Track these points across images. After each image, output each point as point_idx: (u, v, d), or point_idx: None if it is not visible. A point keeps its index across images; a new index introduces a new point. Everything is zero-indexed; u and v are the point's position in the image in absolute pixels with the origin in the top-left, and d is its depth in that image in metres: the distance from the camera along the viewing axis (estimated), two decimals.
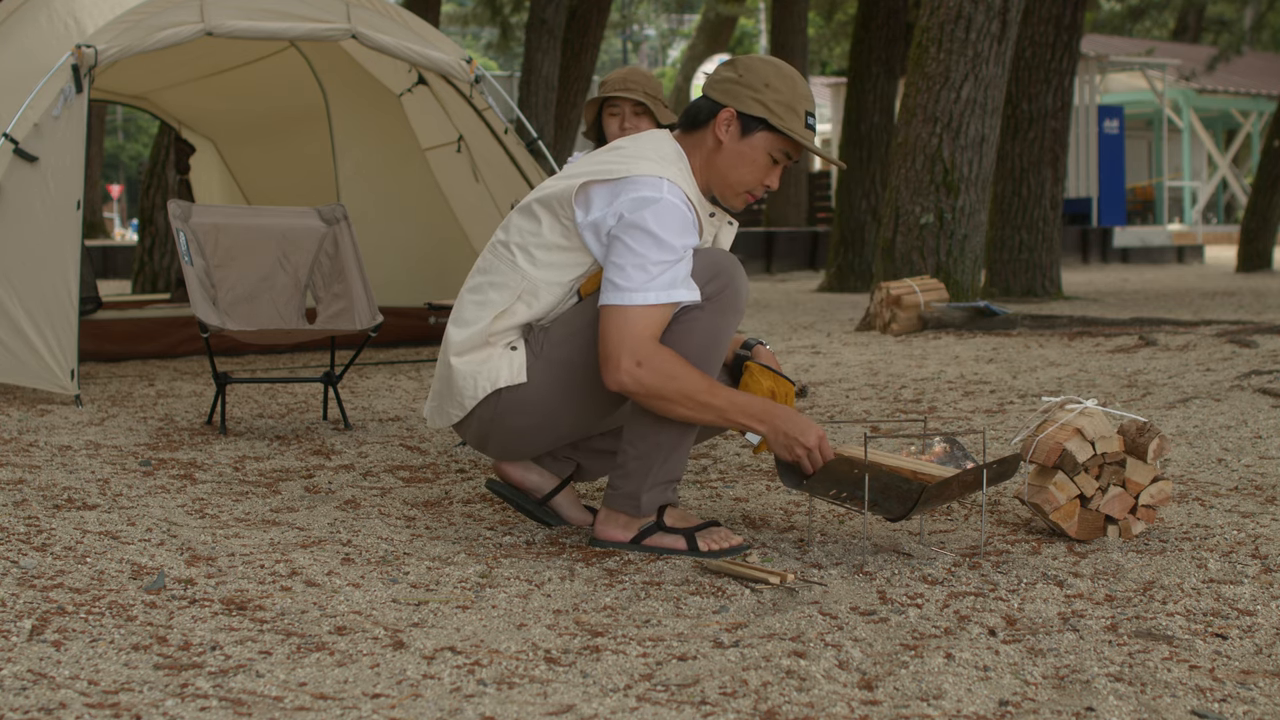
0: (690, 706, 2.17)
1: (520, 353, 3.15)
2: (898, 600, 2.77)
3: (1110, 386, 5.69)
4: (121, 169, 44.36)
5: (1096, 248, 21.57)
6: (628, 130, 4.52)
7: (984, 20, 9.17)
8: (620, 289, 3.00)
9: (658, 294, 2.99)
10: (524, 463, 3.40)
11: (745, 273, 3.12)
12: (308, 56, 8.16)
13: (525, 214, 3.20)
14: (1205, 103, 28.98)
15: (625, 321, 2.99)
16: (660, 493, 3.16)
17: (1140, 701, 2.21)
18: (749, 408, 3.04)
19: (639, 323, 2.99)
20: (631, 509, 3.16)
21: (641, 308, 2.99)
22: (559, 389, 3.13)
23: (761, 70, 3.16)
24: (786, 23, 20.39)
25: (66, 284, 5.52)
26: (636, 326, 2.98)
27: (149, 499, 3.69)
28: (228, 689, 2.22)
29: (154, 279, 10.82)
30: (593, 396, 3.10)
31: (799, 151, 3.17)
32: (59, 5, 6.16)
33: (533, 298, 3.15)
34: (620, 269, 3.01)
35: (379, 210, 8.19)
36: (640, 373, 2.97)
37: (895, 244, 9.33)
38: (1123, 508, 3.24)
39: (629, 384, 2.99)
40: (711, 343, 3.07)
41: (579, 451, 3.42)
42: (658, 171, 3.07)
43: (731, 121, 3.14)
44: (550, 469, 3.42)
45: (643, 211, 3.01)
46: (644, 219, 3.01)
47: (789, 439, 3.04)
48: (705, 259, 3.08)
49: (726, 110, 3.14)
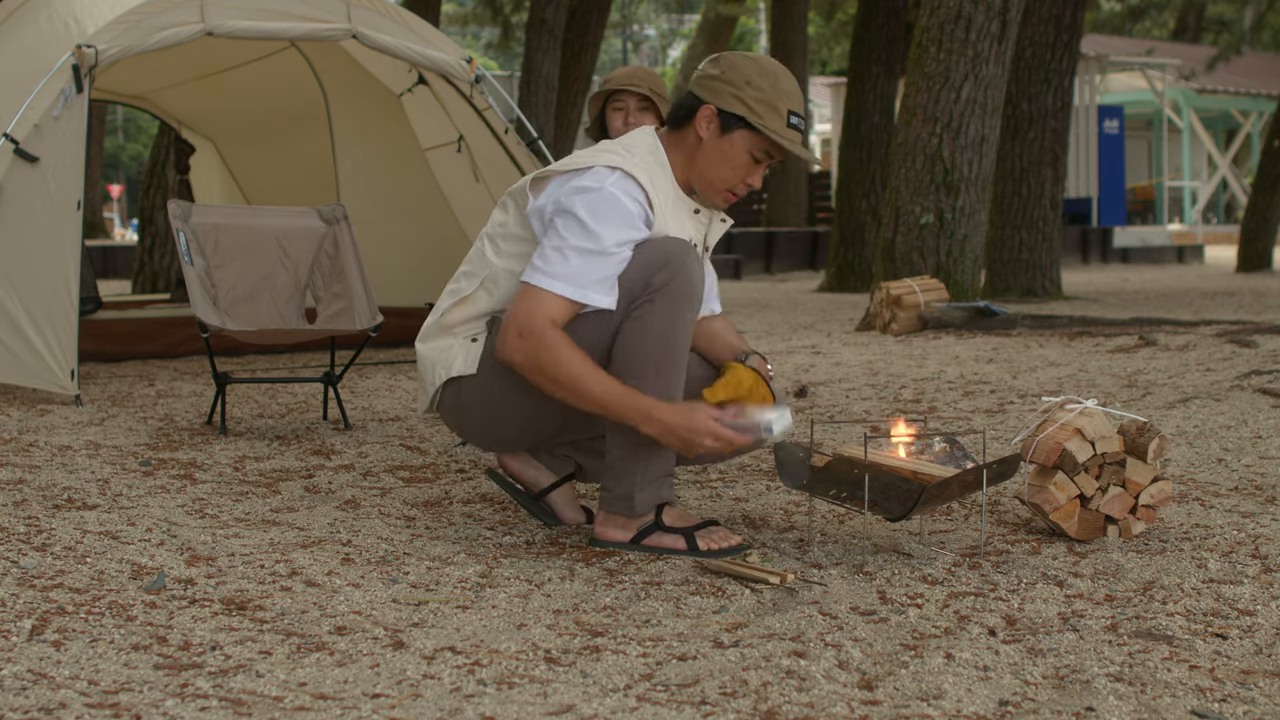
0: (690, 706, 2.17)
1: (479, 345, 3.17)
2: (898, 600, 2.77)
3: (1110, 386, 5.69)
4: (121, 169, 44.36)
5: (1096, 248, 21.57)
6: (631, 125, 4.52)
7: (984, 20, 9.17)
8: (535, 268, 3.00)
9: (566, 286, 2.97)
10: (523, 456, 3.40)
11: (698, 259, 3.07)
12: (308, 56, 8.16)
13: (499, 206, 3.25)
14: (1205, 103, 28.98)
15: (529, 299, 2.98)
16: (655, 490, 3.14)
17: (1140, 701, 2.21)
18: (635, 402, 2.97)
19: (541, 304, 2.97)
20: (627, 510, 3.14)
21: (548, 293, 2.97)
22: (501, 383, 3.13)
23: (744, 67, 3.13)
24: (786, 23, 20.40)
25: (67, 284, 5.52)
26: (537, 306, 2.97)
27: (149, 499, 3.69)
28: (228, 689, 2.22)
29: (154, 279, 10.82)
30: (538, 393, 3.07)
31: (781, 151, 3.14)
32: (59, 5, 6.16)
33: (493, 285, 3.17)
34: (542, 251, 3.01)
35: (379, 210, 8.19)
36: (522, 344, 2.96)
37: (895, 244, 9.33)
38: (1123, 508, 3.24)
39: (512, 355, 2.99)
40: (669, 333, 3.02)
41: (579, 451, 3.42)
42: (614, 163, 3.05)
43: (712, 119, 3.11)
44: (549, 466, 3.42)
45: (576, 198, 3.00)
46: (575, 204, 3.00)
47: (686, 433, 2.96)
48: (655, 248, 3.03)
49: (707, 107, 3.12)
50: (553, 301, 2.98)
